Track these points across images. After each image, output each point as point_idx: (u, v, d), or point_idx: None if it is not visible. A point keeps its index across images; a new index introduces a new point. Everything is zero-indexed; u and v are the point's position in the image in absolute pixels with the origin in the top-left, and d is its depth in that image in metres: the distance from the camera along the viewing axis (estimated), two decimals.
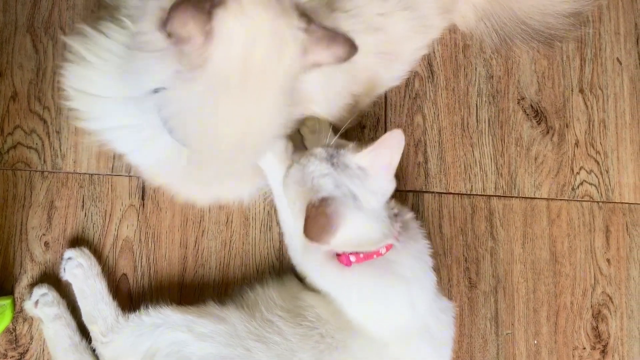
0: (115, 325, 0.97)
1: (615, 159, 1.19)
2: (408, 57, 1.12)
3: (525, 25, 1.16)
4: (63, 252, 1.04)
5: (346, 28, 0.96)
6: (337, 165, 0.88)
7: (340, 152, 0.90)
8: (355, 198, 0.87)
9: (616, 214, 1.16)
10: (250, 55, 0.78)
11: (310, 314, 0.93)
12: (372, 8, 0.99)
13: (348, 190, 0.87)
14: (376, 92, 1.12)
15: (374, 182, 0.89)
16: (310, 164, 0.89)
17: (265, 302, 0.96)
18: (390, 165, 0.90)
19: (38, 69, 1.10)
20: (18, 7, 1.12)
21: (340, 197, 0.86)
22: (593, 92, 1.21)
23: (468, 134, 1.17)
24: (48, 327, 0.99)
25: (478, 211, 1.15)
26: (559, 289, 1.13)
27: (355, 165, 0.89)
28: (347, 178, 0.88)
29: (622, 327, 1.13)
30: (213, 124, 0.83)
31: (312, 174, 0.88)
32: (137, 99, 0.86)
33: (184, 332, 0.92)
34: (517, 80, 1.20)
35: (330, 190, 0.86)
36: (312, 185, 0.87)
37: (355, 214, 0.87)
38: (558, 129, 1.19)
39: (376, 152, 0.89)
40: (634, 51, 1.23)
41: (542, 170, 1.17)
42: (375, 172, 0.89)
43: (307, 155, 0.90)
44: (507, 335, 1.11)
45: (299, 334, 0.91)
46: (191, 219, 1.10)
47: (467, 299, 1.12)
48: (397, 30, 1.03)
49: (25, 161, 1.09)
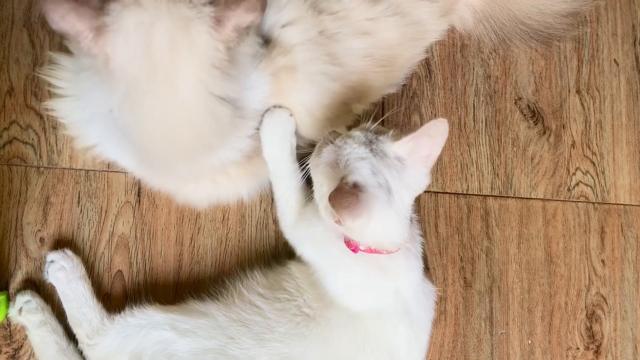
0: (101, 328, 0.96)
1: (611, 160, 1.19)
2: (403, 64, 1.10)
3: (524, 25, 1.17)
4: (46, 255, 1.03)
5: (333, 31, 0.96)
6: (376, 152, 0.83)
7: (379, 138, 0.85)
8: (390, 192, 0.82)
9: (611, 215, 1.17)
10: (151, 47, 0.75)
11: (290, 285, 0.95)
12: (360, 12, 0.98)
13: (385, 180, 0.82)
14: (370, 98, 1.10)
15: (410, 175, 0.85)
16: (347, 146, 0.84)
17: (248, 282, 0.97)
18: (430, 156, 0.85)
19: (35, 64, 1.10)
20: (15, 2, 1.12)
21: (375, 187, 0.81)
22: (590, 93, 1.21)
23: (465, 133, 1.17)
24: (34, 334, 0.99)
25: (474, 211, 1.15)
26: (553, 289, 1.14)
27: (394, 154, 0.84)
28: (385, 167, 0.83)
29: (616, 327, 1.13)
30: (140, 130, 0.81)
31: (348, 156, 0.83)
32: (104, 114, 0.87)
33: (167, 330, 0.93)
34: (515, 80, 1.20)
35: (366, 175, 0.81)
36: (347, 166, 0.82)
37: (386, 211, 0.83)
38: (555, 130, 1.19)
39: (417, 141, 0.84)
40: (631, 53, 1.23)
41: (539, 170, 1.17)
42: (413, 164, 0.85)
43: (344, 137, 0.86)
44: (501, 335, 1.12)
45: (277, 309, 0.93)
46: (187, 216, 1.09)
47: (462, 298, 1.12)
48: (387, 36, 1.02)
49: (21, 156, 1.08)
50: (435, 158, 0.86)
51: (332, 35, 0.96)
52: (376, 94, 1.10)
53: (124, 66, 0.75)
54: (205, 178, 1.00)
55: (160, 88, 0.77)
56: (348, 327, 0.90)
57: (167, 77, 0.77)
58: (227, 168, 0.98)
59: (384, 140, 0.85)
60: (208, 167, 0.93)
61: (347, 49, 0.98)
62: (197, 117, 0.81)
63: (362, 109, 1.08)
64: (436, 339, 1.10)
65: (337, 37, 0.97)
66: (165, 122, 0.80)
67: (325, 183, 0.84)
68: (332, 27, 0.96)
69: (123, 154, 0.97)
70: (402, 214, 0.86)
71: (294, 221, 0.99)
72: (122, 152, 0.96)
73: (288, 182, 0.98)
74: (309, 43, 0.94)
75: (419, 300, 0.94)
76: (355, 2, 0.97)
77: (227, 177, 1.00)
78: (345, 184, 0.79)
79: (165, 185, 1.03)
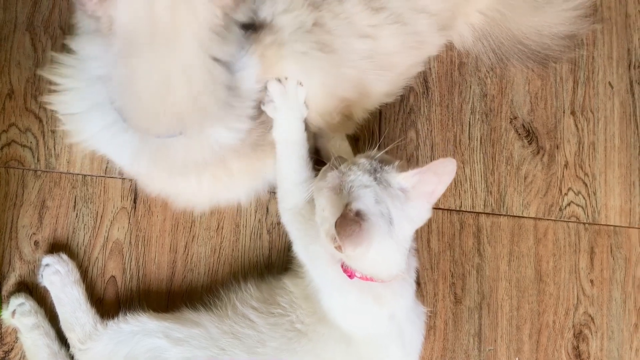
0: (94, 333, 0.97)
1: (603, 182, 1.21)
2: (402, 71, 1.11)
3: (522, 45, 1.18)
4: (41, 259, 1.04)
5: (332, 27, 0.96)
6: (380, 181, 0.83)
7: (384, 167, 0.85)
8: (391, 222, 0.82)
9: (601, 236, 1.18)
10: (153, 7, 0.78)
11: (284, 300, 0.95)
12: (363, 17, 0.99)
13: (387, 210, 0.82)
14: (369, 102, 1.10)
15: (412, 207, 0.85)
16: (352, 173, 0.84)
17: (242, 295, 0.98)
18: (433, 193, 0.85)
19: (36, 68, 1.11)
20: (19, 5, 1.12)
21: (377, 216, 0.81)
22: (584, 114, 1.23)
23: (460, 150, 1.19)
24: (26, 336, 0.99)
25: (466, 227, 1.16)
26: (542, 308, 1.15)
27: (398, 185, 0.84)
28: (389, 197, 0.83)
29: (602, 347, 1.15)
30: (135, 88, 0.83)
31: (352, 183, 0.83)
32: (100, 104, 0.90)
33: (160, 338, 0.93)
34: (511, 99, 1.21)
35: (369, 204, 0.81)
36: (350, 194, 0.82)
37: (386, 241, 0.83)
38: (548, 150, 1.20)
39: (423, 176, 0.84)
40: (625, 76, 1.25)
41: (531, 189, 1.19)
42: (416, 197, 0.85)
43: (349, 163, 0.86)
44: (489, 352, 1.13)
45: (270, 323, 0.93)
46: (182, 223, 1.10)
47: (451, 314, 1.13)
48: (387, 43, 1.03)
49: (18, 159, 1.09)
50: (438, 195, 0.86)
51: (329, 30, 0.97)
52: (376, 99, 1.11)
53: (126, 26, 0.78)
54: (205, 172, 0.99)
55: (160, 45, 0.80)
56: (341, 344, 0.91)
57: (167, 35, 0.79)
58: (229, 161, 0.98)
59: (389, 170, 0.85)
60: (206, 149, 0.92)
61: (345, 44, 0.98)
62: (194, 76, 0.83)
63: (362, 117, 1.10)
64: (425, 353, 1.11)
65: (333, 32, 0.97)
66: (161, 79, 0.82)
67: (328, 208, 0.84)
68: (330, 23, 0.97)
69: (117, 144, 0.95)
70: (401, 245, 0.86)
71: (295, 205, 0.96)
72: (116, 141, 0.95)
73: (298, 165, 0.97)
74: (301, 31, 0.95)
75: (412, 322, 0.95)
76: (357, 8, 0.98)
77: (228, 172, 1.00)
78: (350, 211, 0.79)
79: (165, 187, 1.02)
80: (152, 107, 0.85)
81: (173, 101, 0.84)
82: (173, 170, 0.96)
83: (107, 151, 1.00)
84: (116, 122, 0.90)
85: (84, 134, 0.98)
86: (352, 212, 0.79)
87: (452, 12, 1.10)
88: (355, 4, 0.98)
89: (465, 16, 1.14)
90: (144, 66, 0.81)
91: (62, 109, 0.98)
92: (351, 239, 0.77)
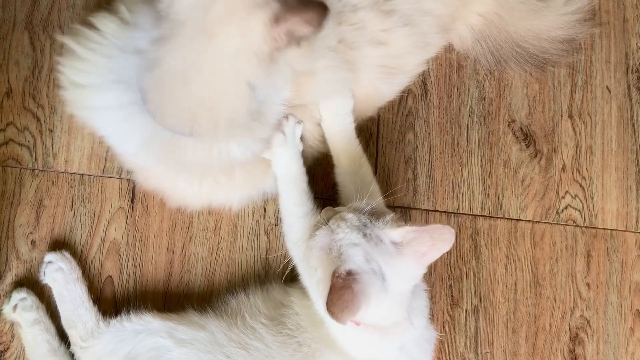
0: (96, 331, 0.97)
1: (600, 185, 1.21)
2: (410, 71, 1.13)
3: (520, 48, 1.19)
4: (43, 256, 1.03)
5: (351, 40, 0.99)
6: (370, 238, 0.82)
7: (375, 223, 0.83)
8: (384, 278, 0.80)
9: (598, 239, 1.19)
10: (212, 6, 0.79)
11: (291, 321, 0.94)
12: (376, 23, 1.01)
13: (378, 267, 0.80)
14: (373, 108, 1.14)
15: (404, 265, 0.83)
16: (340, 230, 0.82)
17: (250, 309, 0.97)
18: (425, 256, 0.83)
19: (34, 67, 1.11)
20: (17, 4, 1.12)
21: (369, 274, 0.79)
22: (582, 118, 1.23)
23: (458, 153, 1.19)
24: (26, 331, 0.99)
25: (464, 230, 1.16)
26: (538, 311, 1.15)
27: (390, 240, 0.83)
28: (379, 254, 0.81)
29: (598, 351, 1.15)
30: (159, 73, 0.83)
31: (341, 242, 0.81)
32: (120, 81, 0.89)
33: (164, 337, 0.93)
34: (509, 103, 1.22)
35: (359, 263, 0.80)
36: (340, 254, 0.81)
37: (382, 297, 0.81)
38: (546, 153, 1.21)
39: (418, 236, 0.82)
40: (623, 80, 1.25)
41: (529, 192, 1.19)
42: (408, 254, 0.83)
43: (337, 219, 0.84)
44: (485, 354, 1.13)
45: (279, 341, 0.92)
46: (179, 224, 1.10)
47: (448, 316, 1.13)
48: (399, 46, 1.05)
49: (16, 158, 1.09)
50: (431, 260, 0.84)
51: (350, 44, 1.00)
52: (376, 105, 1.13)
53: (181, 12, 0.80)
54: (209, 175, 1.00)
55: (197, 39, 0.81)
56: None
57: (208, 33, 0.81)
58: (235, 170, 0.99)
59: (380, 226, 0.83)
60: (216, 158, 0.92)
61: (363, 57, 1.01)
62: (214, 82, 0.84)
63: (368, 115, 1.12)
64: None
65: (353, 46, 1.00)
66: (186, 70, 0.82)
67: (320, 269, 0.83)
68: (350, 37, 0.99)
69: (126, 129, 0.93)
70: (398, 298, 0.84)
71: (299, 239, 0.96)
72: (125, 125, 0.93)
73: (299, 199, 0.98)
74: (328, 50, 0.97)
75: (421, 347, 0.94)
76: (370, 14, 1.01)
77: (231, 179, 1.01)
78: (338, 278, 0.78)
79: (162, 184, 1.02)
80: (168, 93, 0.85)
81: (187, 96, 0.84)
82: (179, 167, 0.96)
83: (112, 132, 0.97)
84: (133, 103, 0.89)
85: (88, 108, 0.96)
86: (341, 277, 0.78)
87: (452, 15, 1.11)
88: (368, 11, 1.00)
89: (464, 18, 1.15)
90: (175, 51, 0.81)
91: (73, 76, 0.96)
92: (347, 309, 0.76)
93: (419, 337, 0.94)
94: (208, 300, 1.06)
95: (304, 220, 0.97)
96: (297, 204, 0.99)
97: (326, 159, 1.09)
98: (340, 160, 1.04)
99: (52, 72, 1.10)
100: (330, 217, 0.85)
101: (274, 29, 0.82)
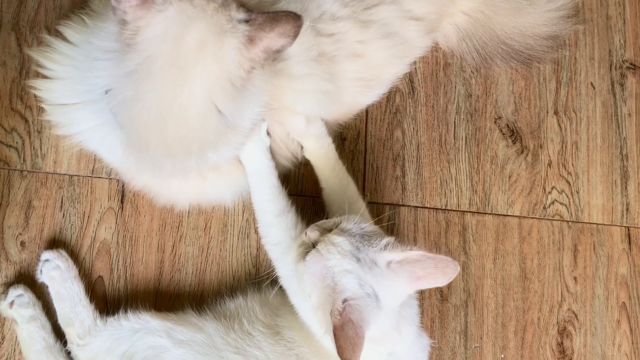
0: (93, 329, 0.97)
1: (586, 180, 1.23)
2: (388, 80, 1.14)
3: (505, 46, 1.20)
4: (40, 254, 1.04)
5: (332, 54, 0.99)
6: (364, 262, 0.81)
7: (368, 246, 0.83)
8: (377, 298, 0.81)
9: (584, 233, 1.20)
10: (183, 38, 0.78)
11: (287, 334, 0.94)
12: (353, 35, 1.01)
13: (372, 289, 0.81)
14: (354, 113, 1.15)
15: (397, 284, 0.83)
16: (332, 257, 0.81)
17: (248, 314, 0.97)
18: (419, 281, 0.83)
19: (22, 68, 1.10)
20: (4, 5, 1.12)
21: (363, 298, 0.80)
22: (567, 114, 1.25)
23: (445, 150, 1.20)
24: (22, 328, 0.99)
25: (452, 226, 1.17)
26: (527, 305, 1.17)
27: (385, 262, 0.83)
28: (372, 277, 0.81)
29: (586, 343, 1.17)
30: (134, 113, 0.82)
31: (333, 269, 0.81)
32: (96, 101, 0.89)
33: (162, 337, 0.93)
34: (495, 100, 1.23)
35: (354, 289, 0.80)
36: (333, 283, 0.80)
37: (378, 316, 0.81)
38: (532, 149, 1.22)
39: (423, 260, 0.82)
40: (607, 77, 1.27)
41: (516, 188, 1.20)
42: (403, 274, 0.83)
43: (327, 243, 0.82)
44: (475, 349, 1.14)
45: (277, 351, 0.92)
46: (169, 223, 1.10)
47: (437, 311, 1.14)
48: (377, 58, 1.05)
49: (4, 159, 1.08)
50: (421, 287, 0.85)
51: (331, 58, 0.99)
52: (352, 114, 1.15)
53: (149, 43, 0.78)
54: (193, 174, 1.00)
55: (172, 77, 0.80)
56: None
57: (183, 70, 0.80)
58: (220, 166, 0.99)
59: (374, 250, 0.83)
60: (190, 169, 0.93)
61: (342, 70, 1.01)
62: (190, 119, 0.83)
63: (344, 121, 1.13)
64: None
65: (335, 60, 1.00)
66: (161, 112, 0.82)
67: (314, 296, 0.83)
68: (330, 50, 0.99)
69: (109, 144, 0.95)
70: (390, 313, 0.84)
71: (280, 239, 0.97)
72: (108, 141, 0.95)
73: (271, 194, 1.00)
74: (309, 60, 0.97)
75: (414, 354, 0.95)
76: (347, 24, 1.00)
77: (217, 172, 1.01)
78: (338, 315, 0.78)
79: (150, 183, 1.02)
80: (145, 134, 0.85)
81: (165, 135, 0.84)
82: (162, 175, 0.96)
83: (96, 149, 1.01)
84: (110, 121, 0.89)
85: (73, 128, 0.97)
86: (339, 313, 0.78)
87: (439, 12, 1.12)
88: (346, 21, 1.00)
89: (450, 17, 1.16)
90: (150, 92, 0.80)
91: (50, 98, 0.96)
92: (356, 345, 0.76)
93: (411, 345, 0.94)
94: (199, 299, 1.07)
95: (280, 219, 0.98)
96: (269, 199, 0.99)
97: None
98: (328, 182, 1.06)
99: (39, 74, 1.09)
100: (316, 236, 0.84)
101: (250, 50, 0.81)
